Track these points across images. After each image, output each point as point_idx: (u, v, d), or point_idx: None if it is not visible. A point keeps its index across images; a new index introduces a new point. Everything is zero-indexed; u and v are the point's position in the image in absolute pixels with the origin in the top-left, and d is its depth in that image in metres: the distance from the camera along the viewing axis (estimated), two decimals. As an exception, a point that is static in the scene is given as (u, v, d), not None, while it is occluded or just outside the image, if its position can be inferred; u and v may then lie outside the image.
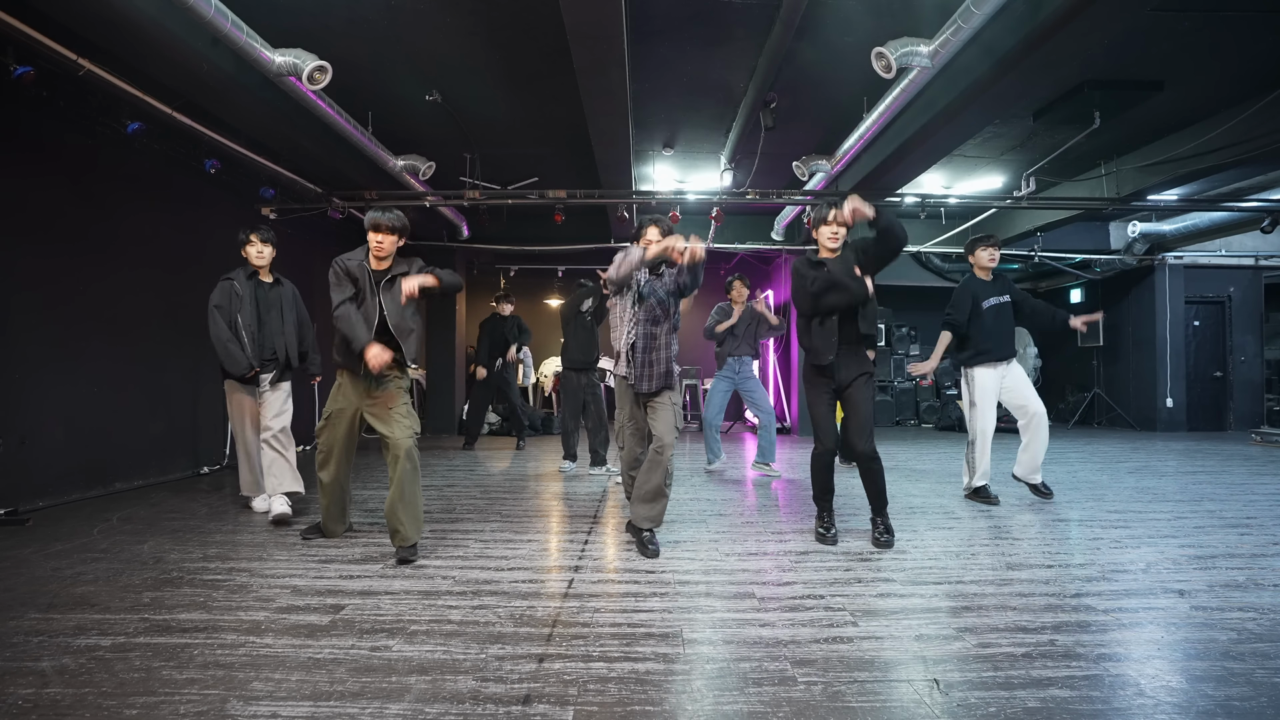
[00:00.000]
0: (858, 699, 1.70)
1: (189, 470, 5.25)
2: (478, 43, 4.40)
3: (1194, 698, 1.71)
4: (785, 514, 3.88)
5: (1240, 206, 7.04)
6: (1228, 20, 4.13)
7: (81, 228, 4.37)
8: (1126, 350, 9.36)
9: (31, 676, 1.82)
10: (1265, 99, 5.05)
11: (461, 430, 8.63)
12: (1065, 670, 1.86)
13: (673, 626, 2.17)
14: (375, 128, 5.49)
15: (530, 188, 6.78)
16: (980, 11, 3.47)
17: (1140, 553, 3.04)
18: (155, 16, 3.36)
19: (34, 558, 2.94)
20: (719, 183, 6.78)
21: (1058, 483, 4.89)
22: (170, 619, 2.23)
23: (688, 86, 5.13)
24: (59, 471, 4.15)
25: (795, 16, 3.83)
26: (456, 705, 1.67)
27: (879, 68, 3.97)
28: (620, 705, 1.67)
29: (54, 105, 4.13)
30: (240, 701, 1.68)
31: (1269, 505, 4.10)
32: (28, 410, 3.96)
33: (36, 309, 4.06)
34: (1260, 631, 2.13)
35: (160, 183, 5.06)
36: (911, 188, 6.87)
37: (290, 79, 4.10)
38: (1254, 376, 9.10)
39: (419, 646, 2.01)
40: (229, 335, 3.66)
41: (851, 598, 2.45)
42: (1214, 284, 9.07)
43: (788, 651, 1.98)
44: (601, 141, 5.31)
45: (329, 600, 2.41)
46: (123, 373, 4.67)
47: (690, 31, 4.32)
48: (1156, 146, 6.19)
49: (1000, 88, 4.22)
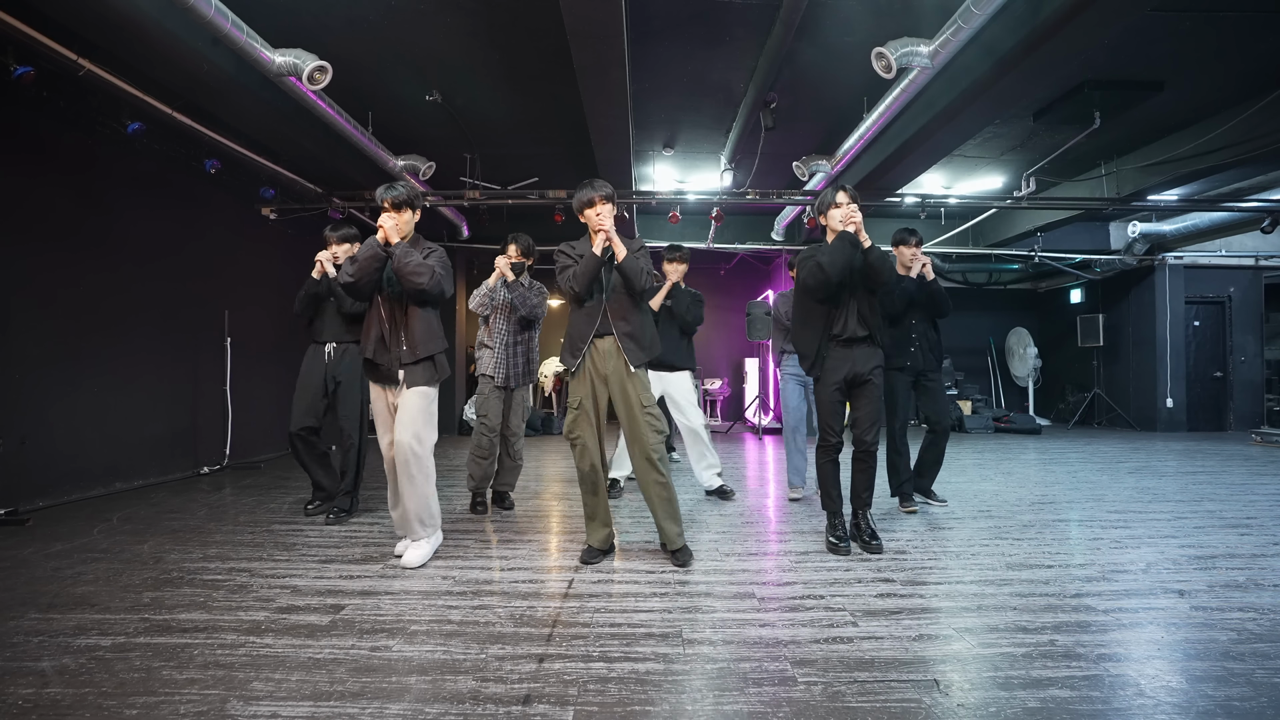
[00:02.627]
0: (858, 699, 1.70)
1: (189, 470, 5.25)
2: (478, 43, 4.40)
3: (1194, 698, 1.71)
4: (786, 514, 3.88)
5: (1240, 206, 7.04)
6: (1228, 20, 4.13)
7: (82, 228, 4.38)
8: (1126, 350, 9.36)
9: (31, 676, 1.82)
10: (1265, 99, 5.05)
11: (462, 430, 8.64)
12: (1065, 670, 1.86)
13: (673, 626, 2.17)
14: (375, 128, 5.49)
15: (530, 188, 6.78)
16: (980, 11, 3.47)
17: (1140, 553, 3.04)
18: (155, 16, 3.35)
19: (34, 558, 2.94)
20: (719, 183, 6.78)
21: (1058, 482, 4.89)
22: (170, 619, 2.23)
23: (688, 86, 5.13)
24: (59, 471, 4.15)
25: (795, 16, 3.83)
26: (456, 705, 1.67)
27: (879, 68, 3.97)
28: (620, 705, 1.67)
29: (54, 105, 4.14)
30: (240, 701, 1.68)
31: (1269, 505, 4.10)
32: (28, 410, 3.96)
33: (37, 309, 4.06)
34: (1260, 632, 2.13)
35: (160, 183, 5.06)
36: (911, 188, 6.87)
37: (290, 79, 4.10)
38: (1254, 376, 9.10)
39: (419, 646, 2.01)
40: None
41: (851, 598, 2.45)
42: (1214, 284, 9.07)
43: (788, 651, 1.98)
44: (601, 142, 5.31)
45: (329, 600, 2.41)
46: (123, 373, 4.67)
47: (690, 31, 4.32)
48: (1156, 146, 6.19)
49: (1000, 88, 4.22)
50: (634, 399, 2.84)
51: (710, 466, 4.32)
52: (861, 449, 3.13)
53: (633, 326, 2.86)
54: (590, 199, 2.81)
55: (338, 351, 3.73)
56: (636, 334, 2.87)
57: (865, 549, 3.08)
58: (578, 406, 2.88)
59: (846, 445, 3.17)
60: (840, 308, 3.07)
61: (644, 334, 2.91)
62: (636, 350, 2.85)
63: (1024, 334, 10.39)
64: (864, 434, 3.10)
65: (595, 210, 2.79)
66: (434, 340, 2.97)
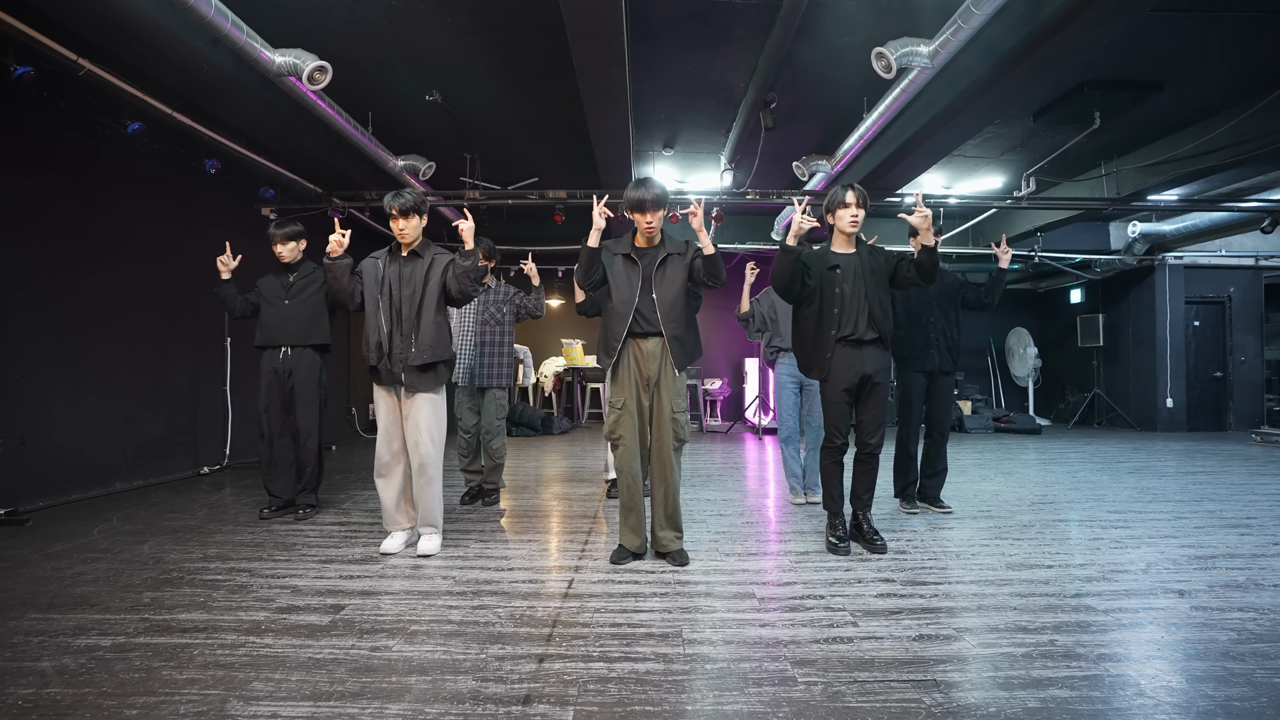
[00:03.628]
0: (858, 699, 1.70)
1: (189, 470, 5.25)
2: (478, 43, 4.40)
3: (1194, 698, 1.71)
4: (786, 514, 3.88)
5: (1240, 206, 7.04)
6: (1228, 20, 4.13)
7: (82, 228, 4.38)
8: (1126, 350, 9.36)
9: (31, 676, 1.82)
10: (1265, 99, 5.05)
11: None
12: (1065, 670, 1.86)
13: (673, 626, 2.17)
14: (375, 128, 5.49)
15: (530, 188, 6.78)
16: (980, 11, 3.47)
17: (1140, 553, 3.04)
18: (155, 17, 3.35)
19: (34, 558, 2.94)
20: (719, 183, 6.78)
21: (1058, 483, 4.89)
22: (170, 619, 2.23)
23: (688, 86, 5.13)
24: (59, 471, 4.15)
25: (795, 16, 3.83)
26: (456, 705, 1.67)
27: (879, 68, 3.97)
28: (620, 705, 1.67)
29: (54, 105, 4.14)
30: (240, 701, 1.68)
31: (1269, 505, 4.10)
32: (28, 410, 3.96)
33: (37, 309, 4.06)
34: (1260, 632, 2.13)
35: (160, 183, 5.06)
36: (911, 188, 6.86)
37: (290, 79, 4.10)
38: (1254, 376, 9.10)
39: (419, 646, 2.01)
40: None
41: (851, 598, 2.45)
42: (1214, 284, 9.07)
43: (788, 651, 1.98)
44: (601, 141, 5.31)
45: (329, 600, 2.41)
46: (123, 373, 4.67)
47: (690, 31, 4.32)
48: (1156, 146, 6.19)
49: (1000, 88, 4.22)
50: (666, 402, 2.85)
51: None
52: (866, 451, 3.11)
53: (681, 329, 2.88)
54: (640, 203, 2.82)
55: (293, 355, 3.69)
56: (683, 336, 2.88)
57: (869, 548, 3.07)
58: (620, 407, 2.88)
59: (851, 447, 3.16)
60: (847, 308, 3.03)
61: (689, 336, 2.93)
62: (681, 353, 2.87)
63: (1024, 334, 10.40)
64: (869, 437, 3.08)
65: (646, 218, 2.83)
66: (442, 346, 3.03)
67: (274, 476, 3.74)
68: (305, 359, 3.69)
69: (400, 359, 2.95)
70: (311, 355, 3.72)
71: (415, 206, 3.00)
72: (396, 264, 3.03)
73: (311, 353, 3.72)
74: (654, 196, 2.80)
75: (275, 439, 3.70)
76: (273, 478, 3.75)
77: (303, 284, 3.76)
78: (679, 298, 2.87)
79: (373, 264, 3.07)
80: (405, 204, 2.97)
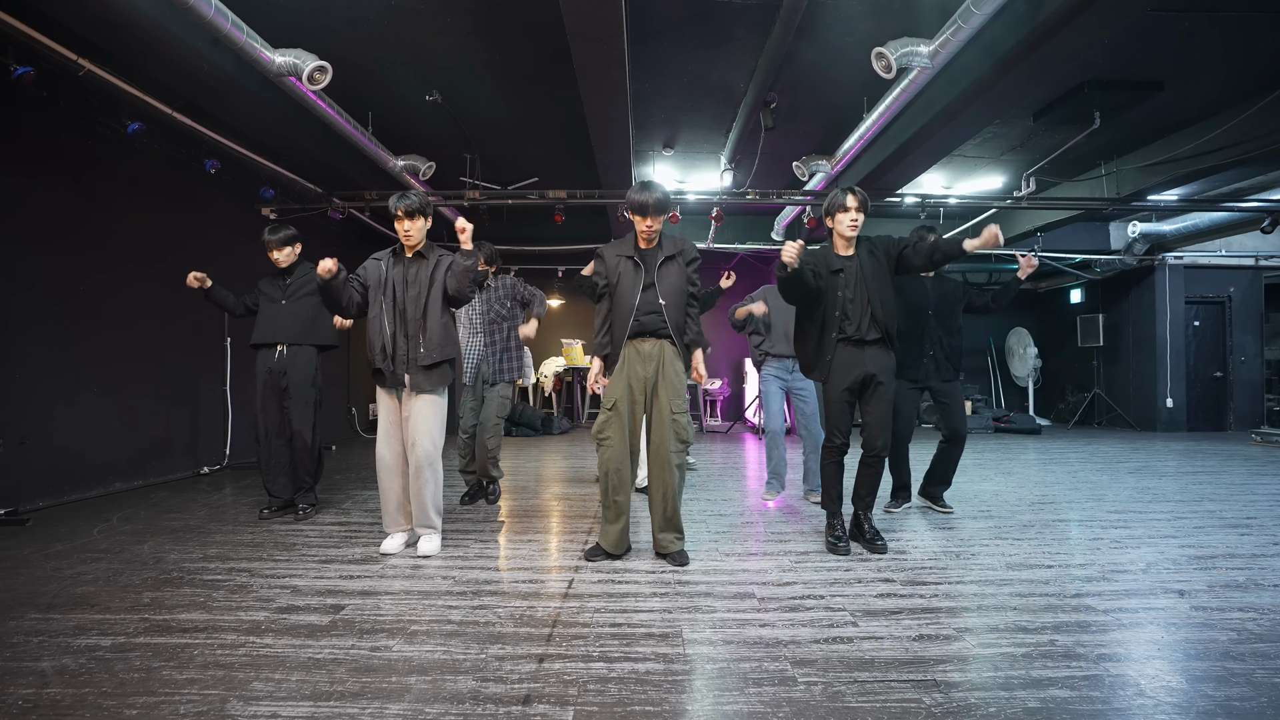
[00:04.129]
0: (858, 699, 1.70)
1: (189, 470, 5.25)
2: (478, 43, 4.40)
3: (1194, 698, 1.71)
4: (785, 514, 3.88)
5: (1240, 206, 7.04)
6: (1228, 20, 4.13)
7: (82, 228, 4.38)
8: (1126, 350, 9.36)
9: (31, 676, 1.82)
10: (1265, 99, 5.05)
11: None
12: (1065, 670, 1.86)
13: (673, 626, 2.17)
14: (375, 128, 5.49)
15: (530, 188, 6.78)
16: (980, 11, 3.47)
17: (1140, 553, 3.04)
18: (155, 17, 3.35)
19: (34, 558, 2.94)
20: (719, 183, 6.78)
21: (1058, 483, 4.89)
22: (170, 619, 2.23)
23: (688, 86, 5.13)
24: (59, 471, 4.15)
25: (795, 16, 3.83)
26: (456, 705, 1.67)
27: (879, 68, 3.97)
28: (620, 705, 1.67)
29: (54, 105, 4.14)
30: (240, 701, 1.68)
31: (1269, 505, 4.10)
32: (28, 410, 3.96)
33: (37, 309, 4.06)
34: (1260, 632, 2.14)
35: (160, 183, 5.06)
36: (911, 188, 6.87)
37: (290, 79, 4.10)
38: (1254, 376, 9.10)
39: (419, 646, 2.01)
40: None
41: (851, 598, 2.45)
42: (1214, 284, 9.07)
43: (788, 651, 1.98)
44: (601, 142, 5.31)
45: (329, 600, 2.41)
46: (123, 372, 4.67)
47: (690, 31, 4.32)
48: (1156, 146, 6.19)
49: (1000, 88, 4.22)
50: (665, 403, 2.85)
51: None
52: (871, 454, 3.09)
53: (683, 325, 2.92)
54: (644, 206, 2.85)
55: (289, 353, 3.68)
56: (687, 329, 2.93)
57: (869, 548, 3.07)
58: (611, 408, 2.87)
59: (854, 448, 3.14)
60: (850, 311, 3.02)
61: (692, 329, 2.96)
62: (686, 350, 2.92)
63: (1024, 334, 10.40)
64: (874, 439, 3.06)
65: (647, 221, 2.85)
66: (450, 345, 3.04)
67: (272, 476, 3.74)
68: (301, 357, 3.69)
69: (404, 360, 2.95)
70: (308, 353, 3.72)
71: (421, 208, 3.01)
72: (400, 265, 3.04)
73: (309, 351, 3.72)
74: (656, 201, 2.81)
75: (272, 438, 3.70)
76: (271, 478, 3.74)
77: (299, 284, 3.77)
78: (680, 296, 2.89)
79: (375, 265, 3.07)
80: (411, 205, 2.98)
